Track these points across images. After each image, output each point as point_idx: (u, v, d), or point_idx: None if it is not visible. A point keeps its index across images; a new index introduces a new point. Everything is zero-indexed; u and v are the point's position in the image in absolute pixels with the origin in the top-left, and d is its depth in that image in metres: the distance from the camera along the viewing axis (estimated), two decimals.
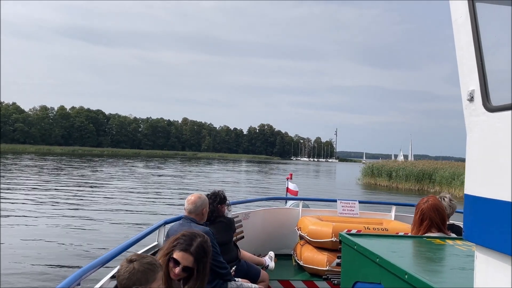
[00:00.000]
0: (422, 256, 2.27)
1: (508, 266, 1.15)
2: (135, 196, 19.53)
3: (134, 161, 64.76)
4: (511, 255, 1.12)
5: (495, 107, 1.27)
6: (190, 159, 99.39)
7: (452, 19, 1.54)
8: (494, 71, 1.45)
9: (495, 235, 1.20)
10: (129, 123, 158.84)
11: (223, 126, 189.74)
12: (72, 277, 2.09)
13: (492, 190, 1.22)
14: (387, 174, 36.08)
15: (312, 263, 4.57)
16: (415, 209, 2.98)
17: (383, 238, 2.65)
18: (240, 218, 4.97)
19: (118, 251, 2.66)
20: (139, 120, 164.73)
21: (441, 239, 2.59)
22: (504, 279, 1.17)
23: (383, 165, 38.06)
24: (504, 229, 1.16)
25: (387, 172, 36.13)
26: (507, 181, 1.16)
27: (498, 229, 1.18)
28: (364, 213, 5.53)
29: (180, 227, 3.07)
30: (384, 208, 6.09)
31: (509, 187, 1.15)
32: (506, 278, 1.16)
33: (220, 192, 3.81)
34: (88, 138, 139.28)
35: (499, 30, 1.74)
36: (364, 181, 38.52)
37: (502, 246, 1.16)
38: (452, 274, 1.85)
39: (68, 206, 15.53)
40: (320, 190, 29.11)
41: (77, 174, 31.77)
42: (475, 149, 1.34)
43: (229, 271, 3.22)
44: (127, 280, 1.92)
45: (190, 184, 27.67)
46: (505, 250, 1.14)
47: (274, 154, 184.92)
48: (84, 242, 10.05)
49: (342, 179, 44.73)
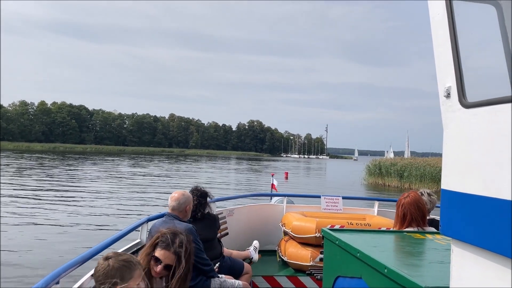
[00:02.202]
0: (402, 251, 2.34)
1: (482, 259, 1.20)
2: (118, 195, 19.33)
3: (118, 159, 64.08)
4: (485, 248, 1.17)
5: (470, 104, 1.31)
6: (178, 156, 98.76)
7: (430, 16, 1.59)
8: (470, 68, 1.51)
9: (470, 229, 1.24)
10: (113, 119, 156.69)
11: (212, 122, 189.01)
12: (50, 275, 2.08)
13: (467, 185, 1.27)
14: (397, 173, 31.97)
15: (296, 259, 4.67)
16: (396, 205, 3.08)
17: (364, 233, 2.72)
18: (224, 214, 5.03)
19: (99, 249, 2.66)
20: (124, 116, 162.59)
21: (421, 234, 2.68)
22: (479, 272, 1.22)
23: (392, 163, 33.90)
24: (478, 223, 1.20)
25: (397, 171, 32.02)
26: (481, 176, 1.21)
27: (472, 223, 1.23)
28: (347, 208, 5.65)
29: (163, 224, 3.10)
30: (368, 203, 6.21)
31: (483, 182, 1.20)
32: (481, 271, 1.21)
33: (202, 189, 3.84)
34: (70, 134, 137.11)
35: (475, 28, 1.81)
36: (370, 181, 34.84)
37: (476, 240, 1.21)
38: (430, 267, 1.92)
39: (48, 205, 15.32)
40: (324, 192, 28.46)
41: (56, 173, 31.20)
42: (451, 145, 1.39)
43: (212, 267, 3.26)
44: (102, 277, 1.94)
45: (176, 182, 27.51)
46: (480, 243, 1.19)
47: (263, 151, 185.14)
48: (64, 241, 9.97)
49: (343, 179, 40.59)
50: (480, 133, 1.24)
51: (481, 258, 1.20)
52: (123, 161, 55.74)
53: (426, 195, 3.55)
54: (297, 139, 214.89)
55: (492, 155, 1.18)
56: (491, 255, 1.16)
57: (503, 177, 1.12)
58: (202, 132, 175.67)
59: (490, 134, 1.19)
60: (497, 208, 1.12)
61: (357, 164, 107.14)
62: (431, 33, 1.62)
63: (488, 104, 1.21)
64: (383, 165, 34.60)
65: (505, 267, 1.11)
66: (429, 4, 1.58)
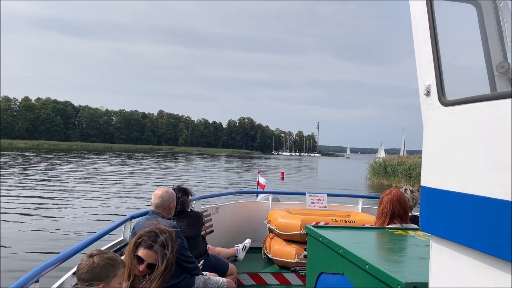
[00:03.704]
0: (383, 247, 2.40)
1: (460, 255, 1.24)
2: (102, 193, 19.13)
3: (105, 156, 63.36)
4: (463, 244, 1.21)
5: (449, 102, 1.35)
6: (167, 154, 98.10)
7: (411, 15, 1.62)
8: (450, 67, 1.55)
9: (448, 225, 1.28)
10: (100, 115, 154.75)
11: (202, 119, 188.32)
12: (30, 274, 2.07)
13: (445, 181, 1.31)
14: (405, 173, 29.42)
15: (281, 256, 4.73)
16: (378, 202, 3.15)
17: (347, 230, 2.78)
18: (209, 212, 5.07)
19: (81, 246, 2.66)
20: (111, 112, 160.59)
21: (403, 230, 2.75)
22: (457, 267, 1.26)
23: (399, 163, 31.54)
24: (456, 220, 1.24)
25: (405, 171, 29.58)
26: (459, 173, 1.25)
27: (451, 219, 1.27)
28: (332, 205, 5.73)
29: (146, 222, 3.10)
30: (352, 200, 6.31)
31: (461, 180, 1.24)
32: (459, 266, 1.25)
33: (185, 186, 3.86)
34: (55, 131, 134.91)
35: (455, 27, 1.85)
36: (374, 181, 32.84)
37: (454, 236, 1.25)
38: (411, 263, 1.98)
39: (29, 203, 15.12)
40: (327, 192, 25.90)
41: (38, 171, 30.73)
42: (430, 142, 1.42)
43: (196, 265, 3.28)
44: (86, 275, 1.95)
45: (164, 181, 27.31)
46: (458, 239, 1.23)
47: (254, 148, 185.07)
48: (45, 240, 9.87)
49: (345, 178, 38.35)
50: (458, 131, 1.27)
51: (459, 254, 1.24)
52: (107, 159, 54.83)
53: (409, 192, 3.65)
54: (289, 137, 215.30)
55: (470, 152, 1.21)
56: (469, 250, 1.19)
57: (480, 174, 1.15)
58: (192, 129, 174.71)
59: (468, 132, 1.23)
60: (475, 205, 1.16)
61: (350, 162, 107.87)
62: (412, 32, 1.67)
63: (466, 102, 1.25)
64: (389, 164, 32.29)
65: (482, 262, 1.15)
66: (410, 3, 1.61)
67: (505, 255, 1.05)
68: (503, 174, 1.07)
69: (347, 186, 29.47)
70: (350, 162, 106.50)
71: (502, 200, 1.06)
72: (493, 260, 1.10)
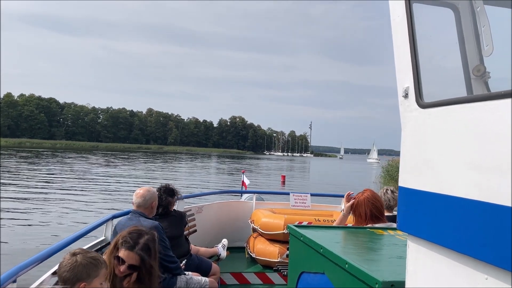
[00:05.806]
0: (363, 246, 2.47)
1: (436, 254, 1.30)
2: (85, 193, 18.98)
3: (90, 155, 62.68)
4: (438, 244, 1.27)
5: (426, 104, 1.41)
6: (155, 153, 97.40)
7: (390, 18, 1.69)
8: (428, 69, 1.61)
9: (424, 225, 1.34)
10: (86, 113, 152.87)
11: (192, 118, 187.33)
12: (6, 274, 2.07)
13: (422, 182, 1.36)
14: None
15: (264, 255, 4.82)
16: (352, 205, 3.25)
17: (329, 230, 2.85)
18: (193, 211, 5.12)
19: (61, 246, 2.66)
20: (98, 110, 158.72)
21: (383, 230, 2.83)
22: (433, 267, 1.32)
23: None
24: (432, 220, 1.30)
25: None
26: (435, 174, 1.31)
27: (427, 219, 1.32)
28: (316, 205, 5.84)
29: (128, 222, 3.13)
30: (335, 200, 6.42)
31: (437, 180, 1.29)
32: (435, 265, 1.31)
33: (169, 185, 3.90)
34: (38, 129, 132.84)
35: (434, 30, 1.92)
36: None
37: (430, 235, 1.30)
38: (389, 262, 2.05)
39: (9, 203, 14.94)
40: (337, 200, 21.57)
41: (19, 170, 30.26)
42: (408, 144, 1.48)
43: (178, 265, 3.33)
44: (68, 273, 1.96)
45: (151, 181, 27.11)
46: (434, 239, 1.29)
47: (246, 148, 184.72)
48: (25, 239, 9.81)
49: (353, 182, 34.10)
50: (435, 133, 1.33)
51: (435, 254, 1.29)
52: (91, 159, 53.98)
53: (389, 192, 3.76)
54: (281, 136, 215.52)
55: (446, 154, 1.27)
56: (444, 250, 1.25)
57: (456, 175, 1.21)
58: (182, 128, 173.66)
59: (444, 134, 1.28)
60: (450, 205, 1.21)
61: (344, 163, 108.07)
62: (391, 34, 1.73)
63: (442, 104, 1.31)
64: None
65: (458, 262, 1.20)
66: (390, 6, 1.68)
67: (479, 255, 1.10)
68: (478, 175, 1.12)
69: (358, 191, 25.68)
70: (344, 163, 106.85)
71: (477, 201, 1.11)
72: (468, 260, 1.15)
